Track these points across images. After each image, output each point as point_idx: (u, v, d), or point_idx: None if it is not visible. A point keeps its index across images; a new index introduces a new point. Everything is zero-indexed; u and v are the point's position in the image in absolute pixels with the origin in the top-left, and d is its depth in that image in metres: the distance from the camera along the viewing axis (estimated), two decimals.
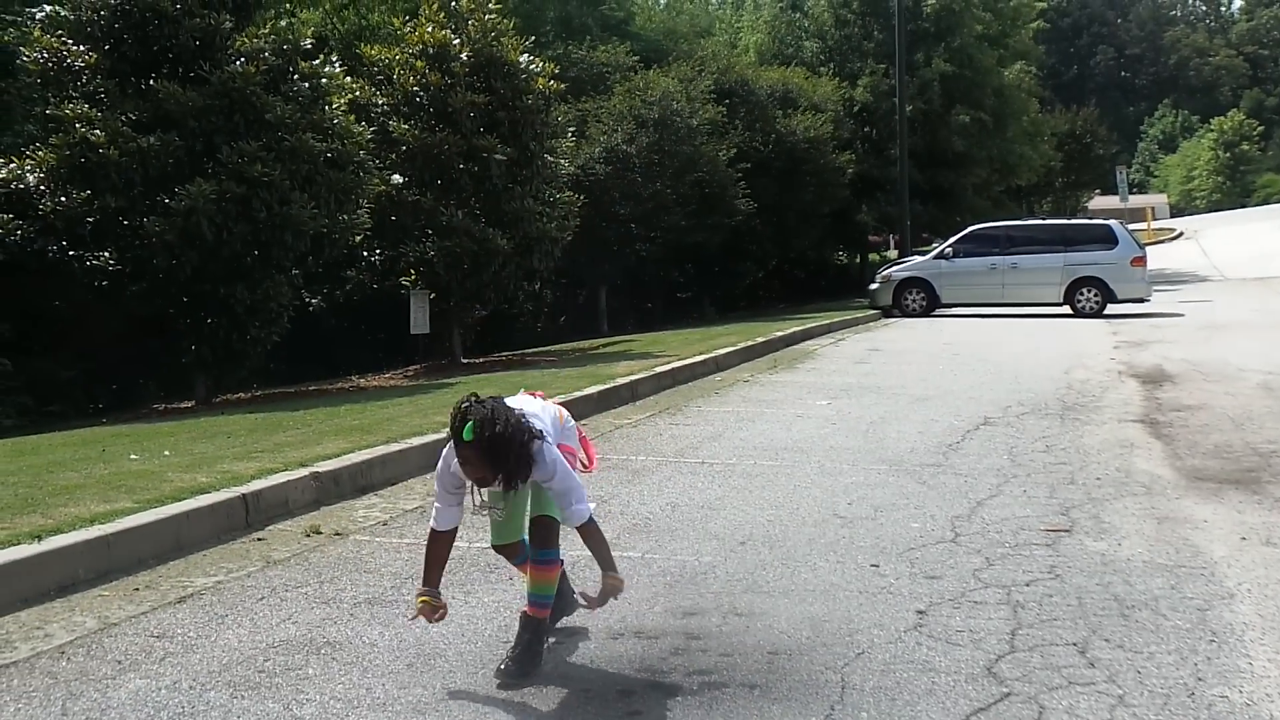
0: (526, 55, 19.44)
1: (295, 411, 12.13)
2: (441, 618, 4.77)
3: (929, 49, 38.33)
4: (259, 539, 6.85)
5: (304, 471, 7.88)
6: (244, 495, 7.20)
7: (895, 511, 7.31)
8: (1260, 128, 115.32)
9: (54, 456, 9.43)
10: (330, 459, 8.35)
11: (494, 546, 5.06)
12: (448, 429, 4.48)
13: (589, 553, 4.74)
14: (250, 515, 7.16)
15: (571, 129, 23.16)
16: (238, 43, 15.21)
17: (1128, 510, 7.33)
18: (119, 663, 4.86)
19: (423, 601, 4.70)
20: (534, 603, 4.79)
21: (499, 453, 4.37)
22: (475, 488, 4.62)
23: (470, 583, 5.93)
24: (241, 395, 16.68)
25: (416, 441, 9.20)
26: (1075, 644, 4.93)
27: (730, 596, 5.63)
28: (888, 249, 46.64)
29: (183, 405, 15.67)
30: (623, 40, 38.61)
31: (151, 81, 14.70)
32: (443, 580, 5.87)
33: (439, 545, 4.80)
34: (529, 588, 4.82)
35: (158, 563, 6.30)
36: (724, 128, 29.68)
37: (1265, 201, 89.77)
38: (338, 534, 6.97)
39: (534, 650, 4.72)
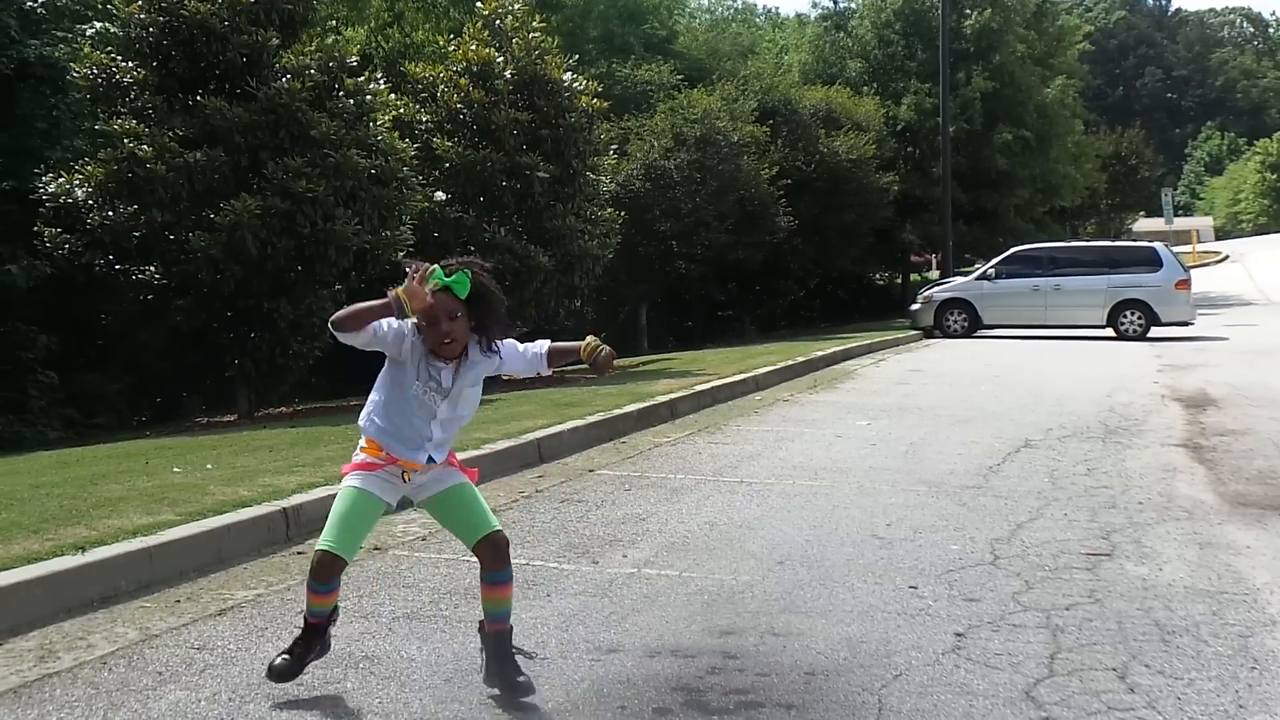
0: (570, 73, 19.53)
1: (336, 426, 12.19)
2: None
3: (970, 68, 38.25)
4: (299, 553, 6.89)
5: None
6: (285, 509, 7.25)
7: (934, 533, 7.28)
8: None
9: (98, 469, 9.53)
10: None
11: (327, 554, 4.57)
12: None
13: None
14: (291, 529, 7.20)
15: (614, 146, 23.24)
16: (284, 59, 15.38)
17: (1169, 535, 7.27)
18: (159, 674, 4.90)
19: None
20: (501, 619, 4.68)
21: (478, 294, 4.42)
22: (426, 359, 4.50)
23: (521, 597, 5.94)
24: (283, 410, 16.80)
25: None
26: (1115, 669, 4.89)
27: (768, 616, 5.62)
28: (930, 269, 46.48)
29: (225, 419, 15.81)
30: (666, 59, 38.77)
31: (199, 97, 14.89)
32: (477, 596, 5.91)
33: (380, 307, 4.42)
34: (494, 608, 4.68)
35: (199, 575, 6.35)
36: (766, 146, 29.69)
37: None
38: (376, 549, 7.00)
39: (512, 657, 4.67)
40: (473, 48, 18.93)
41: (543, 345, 4.72)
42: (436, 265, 4.39)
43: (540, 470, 9.70)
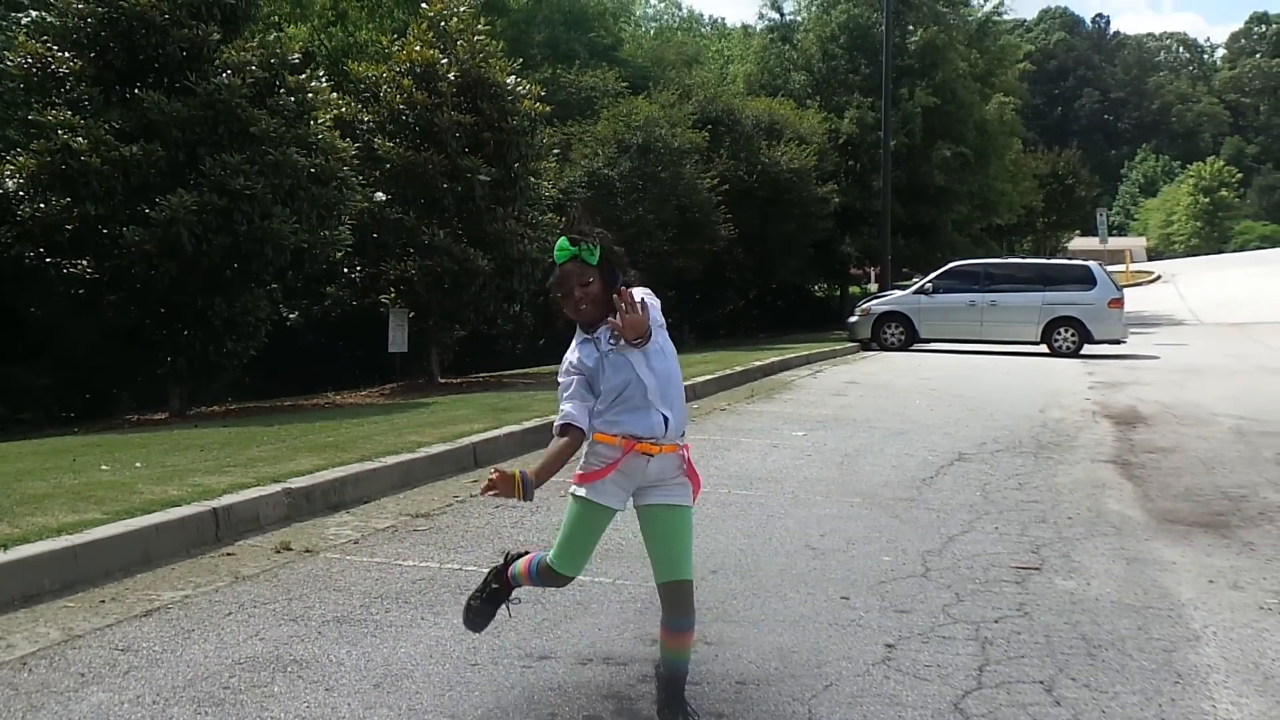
0: (514, 77, 19.47)
1: (270, 426, 12.08)
2: (499, 492, 4.15)
3: (913, 84, 38.56)
4: (228, 554, 6.81)
5: (276, 487, 7.85)
6: (215, 509, 7.17)
7: (867, 544, 7.32)
8: (1239, 175, 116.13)
9: (23, 465, 9.38)
10: (303, 475, 8.32)
11: (555, 573, 4.50)
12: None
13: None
14: (220, 530, 7.12)
15: (555, 151, 23.19)
16: (225, 55, 15.20)
17: (1098, 550, 7.35)
18: (82, 675, 4.82)
19: (500, 475, 4.18)
20: (675, 667, 4.42)
21: (607, 255, 4.35)
22: (599, 347, 4.30)
23: (440, 604, 5.91)
24: (216, 408, 16.61)
25: (390, 460, 9.18)
26: (1042, 682, 4.93)
27: (700, 625, 5.58)
28: (868, 282, 46.79)
29: (156, 417, 15.60)
30: (610, 66, 38.77)
31: (136, 90, 14.70)
32: (409, 600, 5.86)
33: (567, 447, 4.33)
34: (670, 655, 4.41)
35: (125, 575, 6.26)
36: (708, 155, 29.75)
37: (1242, 248, 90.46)
38: (308, 551, 6.93)
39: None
40: (417, 49, 18.82)
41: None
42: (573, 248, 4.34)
43: (475, 475, 9.65)
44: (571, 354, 4.37)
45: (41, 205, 14.19)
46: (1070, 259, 33.40)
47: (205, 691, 4.65)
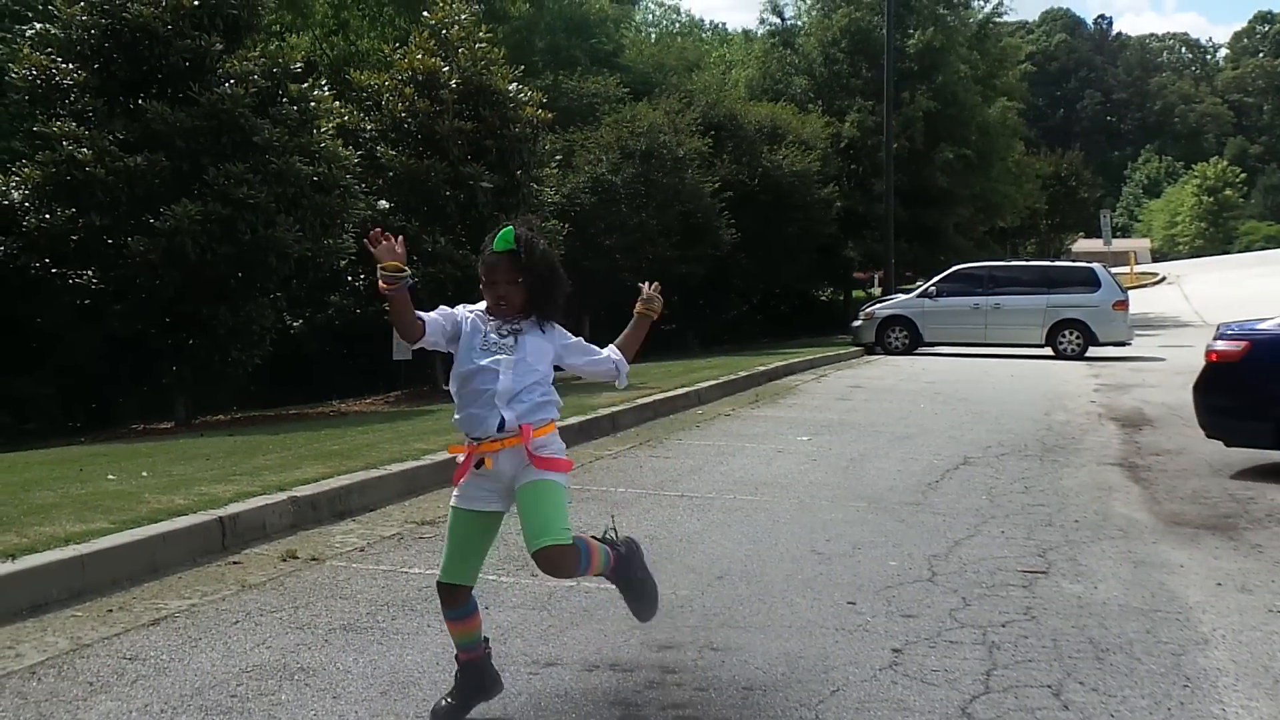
0: (515, 84, 19.50)
1: (275, 435, 12.09)
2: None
3: (914, 87, 38.56)
4: (235, 562, 6.82)
5: (282, 495, 7.85)
6: (221, 518, 7.17)
7: (873, 549, 7.31)
8: (1243, 174, 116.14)
9: (30, 475, 9.39)
10: (309, 483, 8.32)
11: (440, 583, 4.55)
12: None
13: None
14: (227, 538, 7.12)
15: (558, 157, 23.22)
16: (227, 64, 15.25)
17: (1104, 553, 7.34)
18: (90, 684, 4.83)
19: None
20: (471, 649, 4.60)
21: (535, 264, 4.40)
22: (485, 325, 4.46)
23: None
24: (221, 417, 16.63)
25: (396, 468, 9.18)
26: (1050, 686, 4.93)
27: (707, 631, 5.61)
28: (872, 286, 46.78)
29: (161, 426, 15.62)
30: (612, 72, 38.80)
31: (140, 101, 14.74)
32: (416, 607, 5.86)
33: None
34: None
35: (132, 584, 6.26)
36: (711, 160, 29.77)
37: (1247, 248, 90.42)
38: (314, 559, 6.94)
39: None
40: (418, 57, 18.87)
41: (612, 351, 4.91)
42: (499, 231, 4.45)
43: None
44: (464, 308, 4.54)
45: (47, 216, 14.24)
46: (1074, 261, 33.38)
47: (212, 700, 4.65)
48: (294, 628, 5.63)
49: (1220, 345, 10.72)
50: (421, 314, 4.39)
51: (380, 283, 4.30)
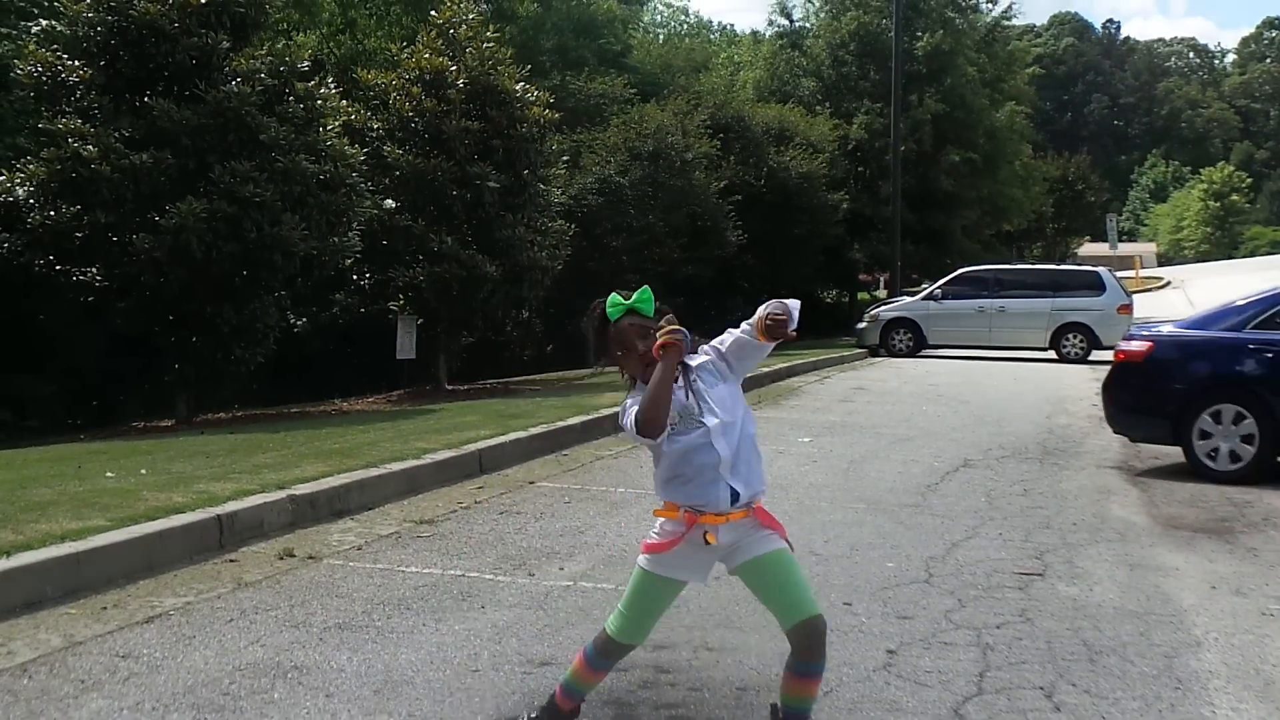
0: (522, 84, 19.50)
1: (276, 433, 12.11)
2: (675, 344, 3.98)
3: (922, 90, 38.57)
4: (231, 560, 6.83)
5: (281, 494, 7.86)
6: (219, 516, 7.18)
7: (871, 550, 7.32)
8: (1249, 180, 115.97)
9: (29, 472, 9.40)
10: (308, 482, 8.33)
11: (612, 635, 4.23)
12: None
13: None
14: (224, 536, 7.13)
15: (565, 158, 23.22)
16: (234, 62, 15.24)
17: (1101, 556, 7.35)
18: (82, 682, 4.84)
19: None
20: (799, 715, 4.12)
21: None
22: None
23: (442, 610, 5.92)
24: (223, 415, 16.65)
25: (396, 467, 9.20)
26: (1042, 688, 4.93)
27: (702, 631, 5.62)
28: (877, 288, 46.75)
29: (162, 424, 15.63)
30: (620, 72, 38.83)
31: (146, 99, 14.73)
32: (411, 607, 5.87)
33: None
34: (794, 703, 4.10)
35: (127, 582, 6.27)
36: (718, 161, 29.77)
37: (1253, 254, 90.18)
38: (311, 557, 6.95)
39: None
40: (426, 56, 18.87)
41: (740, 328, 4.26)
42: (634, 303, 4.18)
43: (480, 481, 9.67)
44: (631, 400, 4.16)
45: (51, 213, 14.24)
46: (1080, 265, 33.34)
47: (205, 698, 4.66)
48: (289, 626, 5.64)
49: (1125, 346, 11.37)
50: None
51: (662, 349, 3.97)
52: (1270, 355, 10.42)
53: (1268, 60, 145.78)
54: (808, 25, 44.33)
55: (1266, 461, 10.30)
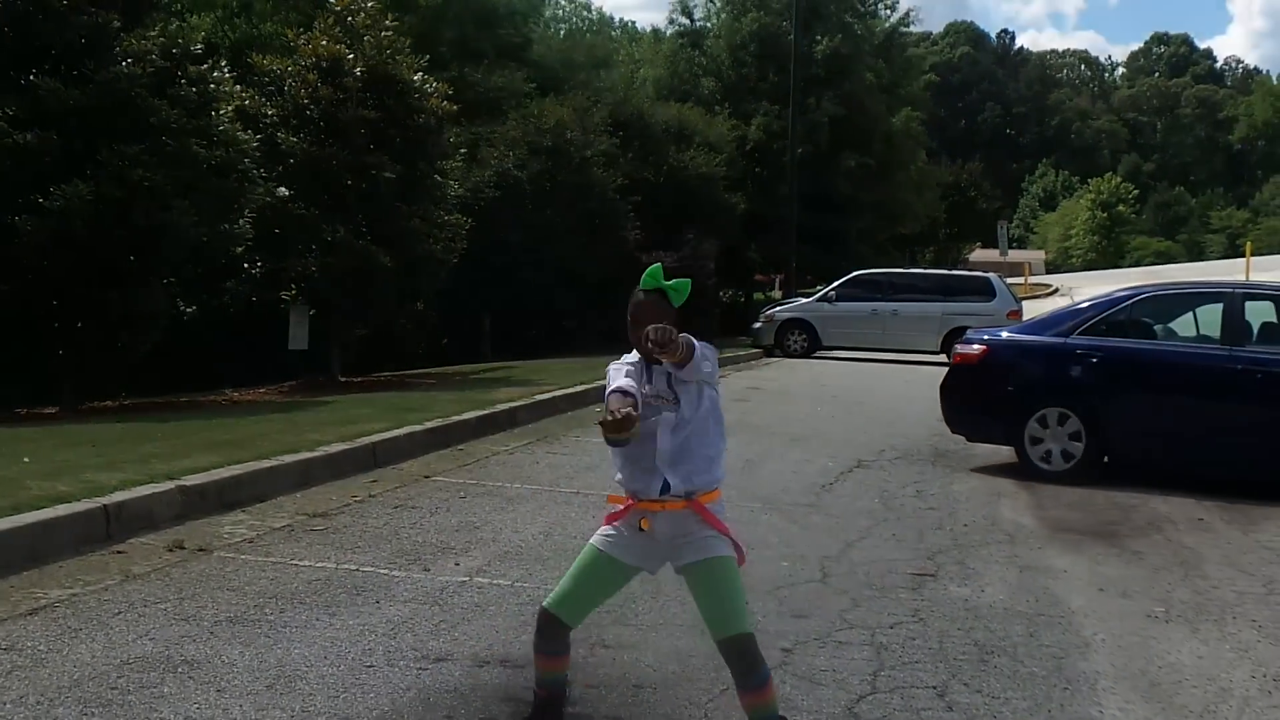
0: (421, 74, 19.35)
1: (165, 423, 11.88)
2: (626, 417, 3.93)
3: (820, 93, 38.93)
4: (119, 552, 6.67)
5: (170, 484, 7.70)
6: (105, 506, 7.01)
7: (766, 549, 7.35)
8: (1136, 191, 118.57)
9: None
10: (198, 473, 8.17)
11: (548, 608, 4.20)
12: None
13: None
14: (111, 527, 6.96)
15: (463, 150, 23.07)
16: (125, 43, 14.89)
17: (992, 557, 7.47)
18: None
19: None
20: None
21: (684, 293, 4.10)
22: (645, 374, 4.18)
23: (336, 604, 5.84)
24: (110, 404, 16.29)
25: (289, 459, 9.06)
26: (935, 687, 5.00)
27: (598, 628, 5.60)
28: (773, 289, 47.11)
29: (47, 411, 15.24)
30: (519, 66, 38.65)
31: (32, 77, 14.34)
32: (305, 601, 5.79)
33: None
34: (756, 714, 4.03)
35: (10, 573, 6.09)
36: (616, 158, 29.77)
37: (1138, 263, 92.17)
38: (201, 549, 6.81)
39: None
40: (323, 43, 18.62)
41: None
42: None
43: (375, 475, 9.56)
44: (624, 362, 4.29)
45: None
46: (971, 270, 33.90)
47: (92, 692, 4.55)
48: (179, 619, 5.52)
49: (961, 348, 11.74)
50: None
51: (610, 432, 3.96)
52: (1095, 360, 10.78)
53: (1155, 75, 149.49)
54: (708, 25, 44.60)
55: (1093, 463, 10.69)
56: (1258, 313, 10.87)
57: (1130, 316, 11.26)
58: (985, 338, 11.75)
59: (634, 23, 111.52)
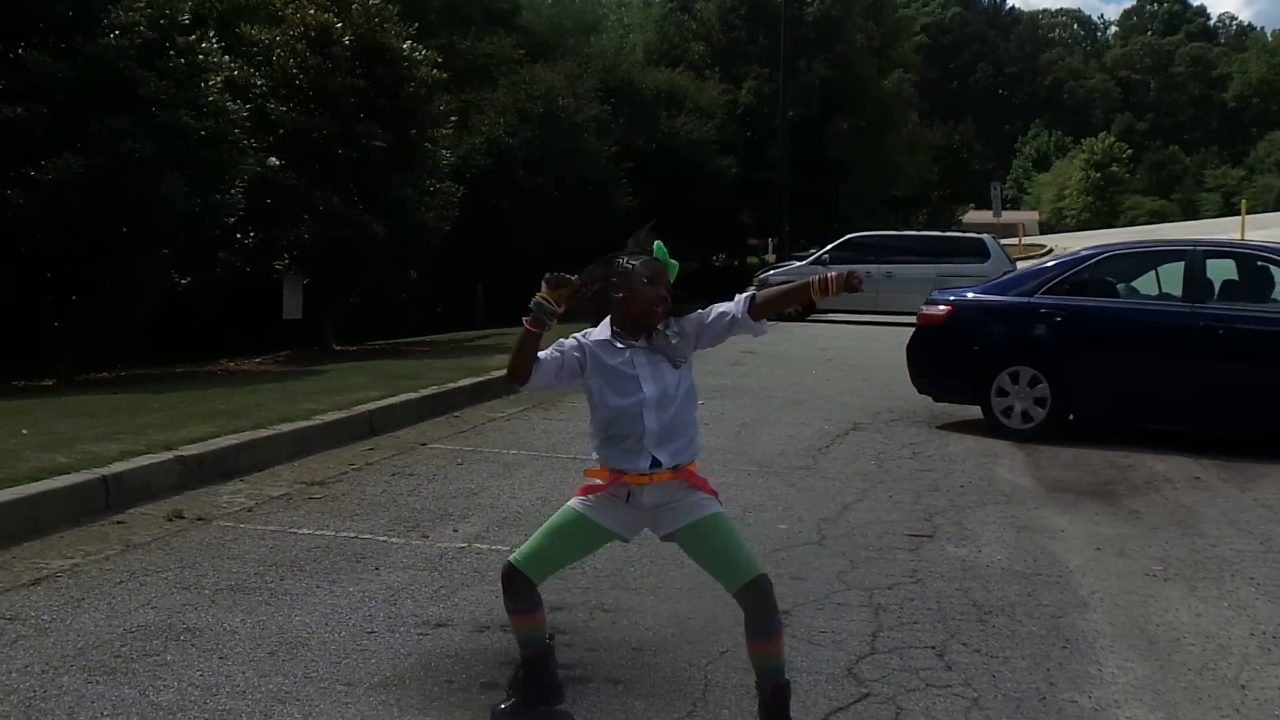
0: (410, 42, 19.28)
1: (161, 394, 11.88)
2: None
3: (811, 56, 38.80)
4: (119, 522, 6.69)
5: (168, 455, 7.72)
6: (104, 477, 7.03)
7: (763, 513, 7.38)
8: (1129, 151, 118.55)
9: None
10: (195, 442, 8.18)
11: (514, 562, 4.12)
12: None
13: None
14: (110, 497, 6.98)
15: (453, 118, 23.01)
16: (112, 14, 14.79)
17: (989, 518, 7.49)
18: None
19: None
20: (775, 675, 4.04)
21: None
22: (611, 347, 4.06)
23: (335, 571, 5.86)
24: (105, 375, 16.27)
25: (285, 428, 9.07)
26: (934, 647, 5.02)
27: (598, 592, 5.64)
28: (766, 252, 47.08)
29: (44, 383, 15.24)
30: (508, 33, 38.47)
31: (20, 50, 14.25)
32: (304, 568, 5.81)
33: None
34: (764, 662, 4.03)
35: (11, 544, 6.10)
36: (608, 125, 29.70)
37: (1132, 223, 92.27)
38: (201, 519, 6.83)
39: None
40: (310, 12, 18.54)
41: (738, 300, 4.22)
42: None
43: (372, 443, 9.57)
44: (582, 336, 4.12)
45: None
46: (965, 232, 33.84)
47: (96, 660, 4.57)
48: (180, 588, 5.54)
49: (926, 309, 11.82)
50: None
51: (529, 319, 3.95)
52: (1059, 319, 10.86)
53: (1149, 33, 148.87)
54: None
55: (1058, 421, 10.78)
56: (1219, 270, 10.90)
57: (1093, 275, 11.30)
58: (951, 298, 11.80)
59: None
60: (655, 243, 4.17)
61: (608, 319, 4.13)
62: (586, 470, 4.16)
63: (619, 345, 4.06)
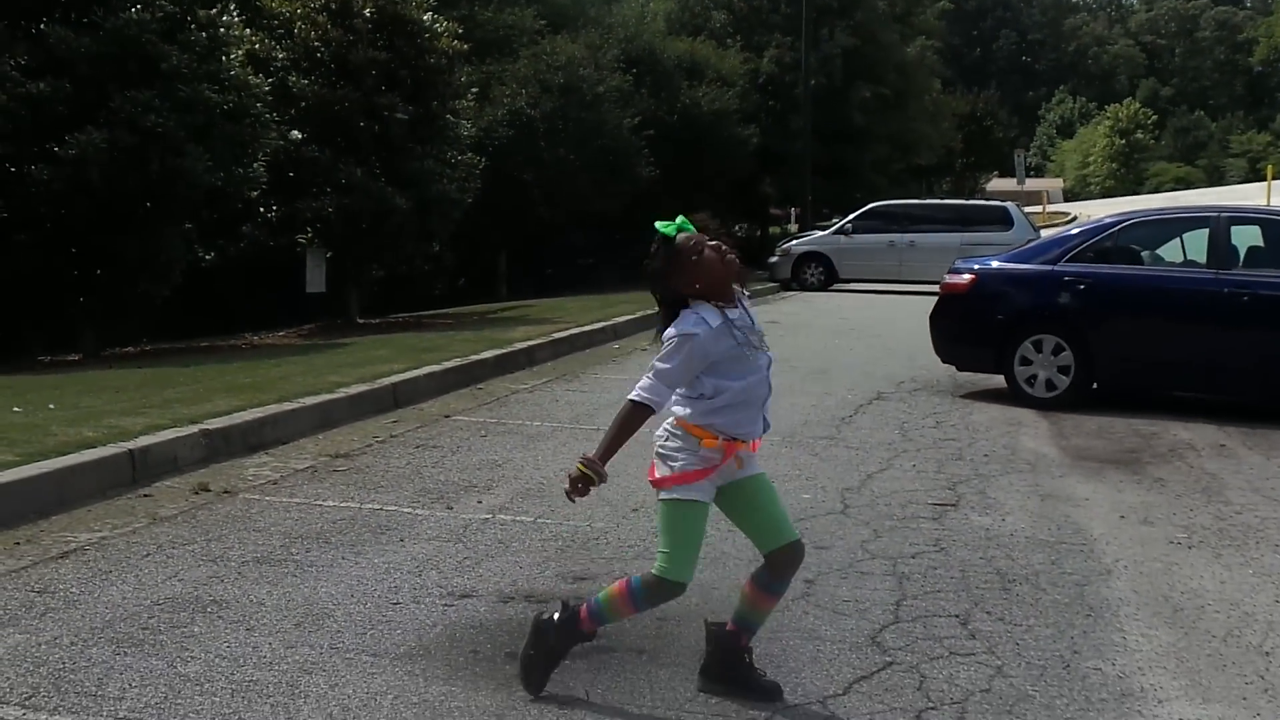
0: (430, 14, 19.24)
1: (186, 367, 11.94)
2: (585, 492, 4.14)
3: (833, 23, 38.56)
4: (145, 495, 6.74)
5: (193, 428, 7.76)
6: (131, 451, 7.07)
7: (787, 482, 7.38)
8: (1154, 117, 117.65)
9: None
10: (220, 416, 8.22)
11: (682, 582, 4.07)
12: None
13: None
14: (137, 471, 7.03)
15: (474, 90, 22.98)
16: None
17: (1012, 487, 7.48)
18: None
19: (581, 469, 4.13)
20: (752, 630, 4.26)
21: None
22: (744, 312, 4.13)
23: (360, 544, 5.89)
24: (130, 349, 16.37)
25: (310, 401, 9.11)
26: (957, 616, 5.03)
27: (621, 562, 5.65)
28: (789, 223, 46.94)
29: (69, 358, 15.34)
30: (529, 3, 38.31)
31: (43, 25, 14.28)
32: (330, 540, 5.84)
33: (635, 424, 4.23)
34: (754, 616, 4.23)
35: (40, 517, 6.16)
36: (630, 95, 29.60)
37: (1157, 190, 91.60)
38: (226, 492, 6.88)
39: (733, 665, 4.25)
40: None
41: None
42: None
43: (396, 415, 9.61)
44: (697, 328, 4.00)
45: None
46: (988, 200, 33.67)
47: (124, 632, 4.61)
48: (206, 560, 5.58)
49: (950, 278, 11.79)
50: (651, 404, 4.21)
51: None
52: (1082, 287, 10.79)
53: None
54: None
55: (1082, 389, 10.76)
56: (1244, 237, 10.82)
57: (1117, 243, 11.21)
58: (975, 267, 11.74)
59: None
60: (679, 217, 4.23)
61: (688, 310, 4.08)
62: (694, 429, 4.06)
63: (720, 322, 4.01)
